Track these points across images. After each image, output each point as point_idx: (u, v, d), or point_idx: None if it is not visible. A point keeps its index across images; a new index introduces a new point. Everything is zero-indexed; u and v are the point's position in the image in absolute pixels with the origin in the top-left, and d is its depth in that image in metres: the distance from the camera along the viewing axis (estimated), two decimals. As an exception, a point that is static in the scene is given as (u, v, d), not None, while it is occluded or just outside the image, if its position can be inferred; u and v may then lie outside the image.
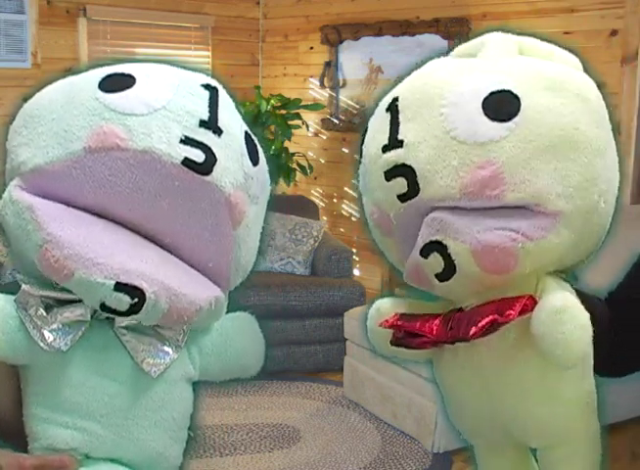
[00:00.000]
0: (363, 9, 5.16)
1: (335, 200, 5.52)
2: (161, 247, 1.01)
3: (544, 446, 1.12)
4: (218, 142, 0.98)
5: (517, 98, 1.01)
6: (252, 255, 1.10)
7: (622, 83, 3.87)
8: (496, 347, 1.06)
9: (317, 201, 5.51)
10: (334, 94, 5.39)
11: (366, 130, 1.14)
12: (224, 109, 1.02)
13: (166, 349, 1.02)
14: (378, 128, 1.10)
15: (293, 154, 5.21)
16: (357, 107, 5.29)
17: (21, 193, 0.96)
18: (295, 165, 5.22)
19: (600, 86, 1.07)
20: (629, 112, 3.88)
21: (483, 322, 1.00)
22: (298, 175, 5.29)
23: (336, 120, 5.40)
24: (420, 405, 3.45)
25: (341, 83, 5.37)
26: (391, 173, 1.05)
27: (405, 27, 4.86)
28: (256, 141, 1.08)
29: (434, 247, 1.02)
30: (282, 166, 5.13)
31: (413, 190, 1.03)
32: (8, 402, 1.03)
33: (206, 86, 1.02)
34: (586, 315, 0.98)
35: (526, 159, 0.99)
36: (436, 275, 1.04)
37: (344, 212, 5.46)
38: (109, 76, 1.00)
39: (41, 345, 0.95)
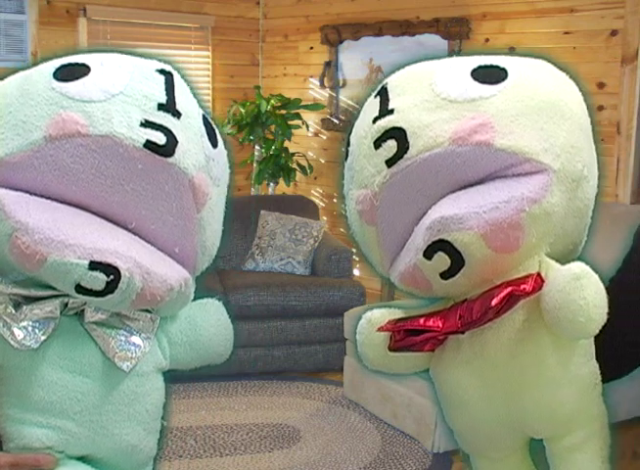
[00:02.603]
0: (363, 9, 5.15)
1: (335, 200, 5.52)
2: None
3: (556, 434, 1.10)
4: (178, 124, 0.99)
5: (504, 70, 1.06)
6: (217, 238, 1.11)
7: (622, 83, 3.86)
8: (504, 332, 1.05)
9: (317, 201, 5.51)
10: (334, 94, 5.39)
11: (352, 129, 1.16)
12: (181, 92, 1.03)
13: (137, 341, 1.02)
14: (367, 111, 1.13)
15: (293, 154, 5.21)
16: (357, 107, 5.28)
17: None
18: (294, 165, 5.22)
19: (584, 94, 1.11)
20: (629, 112, 3.87)
21: (503, 294, 1.01)
22: (298, 175, 5.29)
23: (336, 120, 5.39)
24: (420, 405, 3.45)
25: (341, 83, 5.37)
26: (382, 139, 1.06)
27: (405, 27, 4.86)
28: (214, 124, 1.08)
29: (438, 246, 1.02)
30: (282, 166, 5.13)
31: (403, 149, 1.04)
32: None
33: (161, 71, 1.03)
34: (600, 283, 0.98)
35: (515, 115, 1.02)
36: (442, 274, 1.04)
37: (344, 212, 5.45)
38: (63, 67, 1.00)
39: (11, 343, 0.95)
